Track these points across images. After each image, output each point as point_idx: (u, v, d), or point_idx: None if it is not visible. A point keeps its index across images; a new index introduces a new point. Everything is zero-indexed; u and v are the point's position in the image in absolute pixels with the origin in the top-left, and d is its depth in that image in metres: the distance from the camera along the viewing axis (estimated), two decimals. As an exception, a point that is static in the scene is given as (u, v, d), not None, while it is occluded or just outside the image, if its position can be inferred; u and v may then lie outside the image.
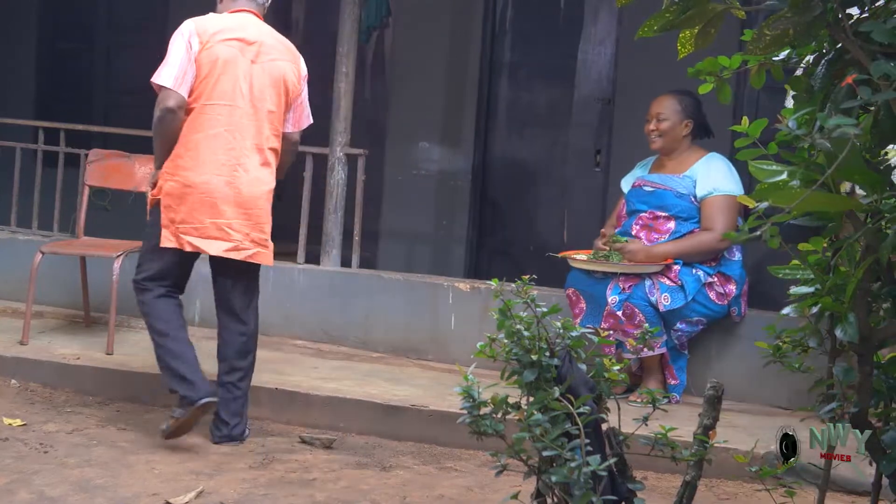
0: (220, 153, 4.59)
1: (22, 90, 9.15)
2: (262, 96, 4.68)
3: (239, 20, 4.77)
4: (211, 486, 4.11)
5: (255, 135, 4.67)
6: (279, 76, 4.73)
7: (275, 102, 4.72)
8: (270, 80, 4.70)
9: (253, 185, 4.67)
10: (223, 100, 4.60)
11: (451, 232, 8.27)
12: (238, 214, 4.63)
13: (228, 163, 4.60)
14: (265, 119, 4.69)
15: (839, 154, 2.09)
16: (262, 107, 4.67)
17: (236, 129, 4.62)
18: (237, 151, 4.62)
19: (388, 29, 8.41)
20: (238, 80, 4.62)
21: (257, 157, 4.68)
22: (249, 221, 4.66)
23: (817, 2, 2.23)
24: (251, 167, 4.66)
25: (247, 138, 4.65)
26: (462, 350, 5.65)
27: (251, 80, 4.66)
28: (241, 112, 4.63)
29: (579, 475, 2.64)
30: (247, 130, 4.64)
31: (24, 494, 3.93)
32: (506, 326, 2.91)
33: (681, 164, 5.50)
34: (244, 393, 4.78)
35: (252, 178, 4.66)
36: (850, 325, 2.48)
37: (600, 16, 7.91)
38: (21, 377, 5.48)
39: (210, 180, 4.57)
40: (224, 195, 4.60)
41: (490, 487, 4.24)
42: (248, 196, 4.65)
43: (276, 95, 4.73)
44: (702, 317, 5.36)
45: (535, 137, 8.13)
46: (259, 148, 4.69)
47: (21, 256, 6.69)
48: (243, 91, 4.63)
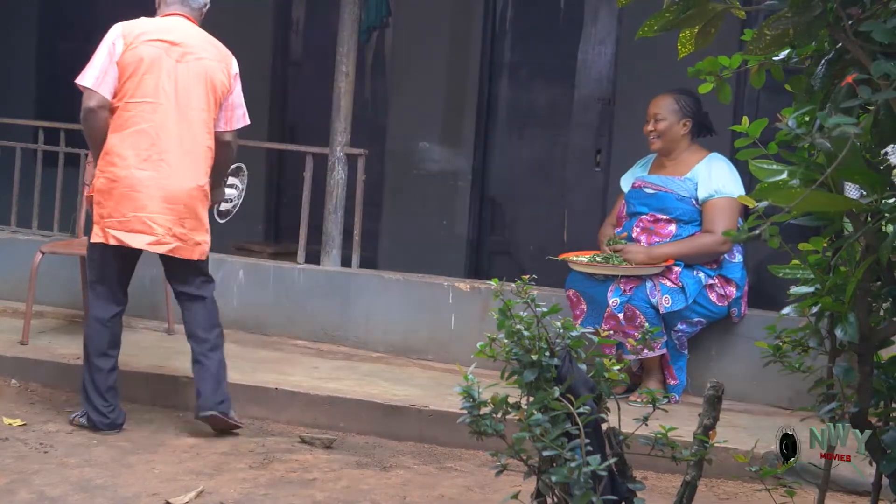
0: (143, 149, 4.69)
1: (22, 90, 9.14)
2: (188, 95, 4.77)
3: (168, 23, 4.91)
4: (211, 485, 4.11)
5: (181, 132, 4.75)
6: (205, 75, 4.81)
7: (203, 101, 4.81)
8: (196, 79, 4.79)
9: (178, 180, 4.73)
10: (147, 97, 4.72)
11: (451, 232, 8.27)
12: (162, 209, 4.70)
13: (151, 158, 4.69)
14: (195, 118, 4.79)
15: (839, 153, 2.09)
16: (188, 105, 4.77)
17: (160, 126, 4.72)
18: (159, 147, 4.71)
19: (388, 29, 8.41)
20: (161, 79, 4.73)
21: (184, 154, 4.75)
22: (172, 216, 4.72)
23: (817, 2, 2.23)
24: (175, 163, 4.72)
25: (172, 135, 4.73)
26: (462, 350, 5.65)
27: (176, 79, 4.76)
28: (165, 109, 4.73)
29: (579, 475, 2.64)
30: (171, 127, 4.74)
31: (25, 494, 3.94)
32: (506, 326, 2.91)
33: (681, 165, 5.49)
34: (217, 365, 4.84)
35: (177, 173, 4.73)
36: (850, 324, 2.48)
37: (600, 16, 7.90)
38: (21, 377, 5.48)
39: (133, 174, 4.66)
40: (147, 189, 4.67)
41: (490, 487, 4.24)
42: (173, 191, 4.72)
43: (204, 94, 4.81)
44: (702, 318, 5.36)
45: (535, 137, 8.12)
46: (186, 145, 4.76)
47: (21, 256, 6.69)
48: (167, 89, 4.73)
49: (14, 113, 7.71)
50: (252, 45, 8.66)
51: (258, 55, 8.71)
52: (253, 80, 8.51)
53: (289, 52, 8.93)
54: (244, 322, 6.40)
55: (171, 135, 4.73)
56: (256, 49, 8.70)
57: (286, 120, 8.79)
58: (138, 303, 6.49)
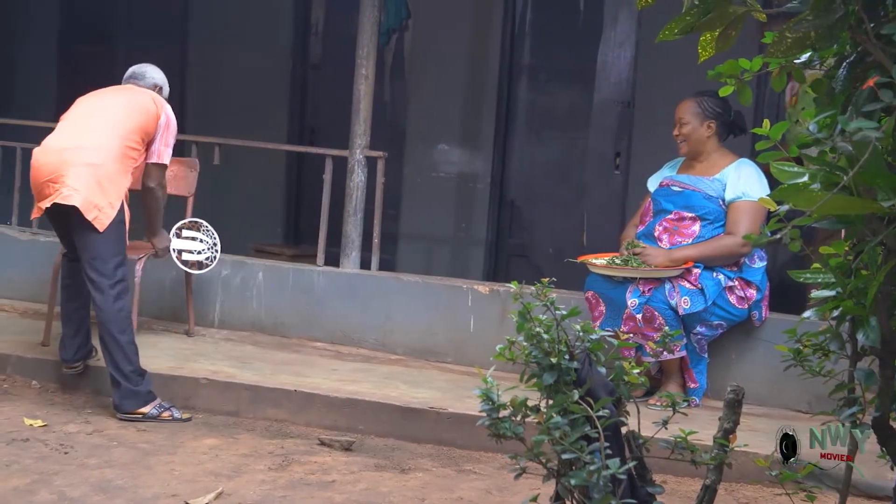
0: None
1: (43, 92, 9.19)
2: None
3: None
4: (230, 487, 4.12)
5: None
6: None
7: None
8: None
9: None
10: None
11: (470, 234, 8.28)
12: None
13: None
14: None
15: (861, 157, 2.08)
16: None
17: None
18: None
19: (408, 31, 8.42)
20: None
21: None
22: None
23: (839, 4, 2.22)
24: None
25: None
26: (481, 352, 5.65)
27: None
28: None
29: (598, 478, 2.64)
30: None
31: (45, 495, 3.96)
32: (525, 329, 2.90)
33: (710, 167, 5.48)
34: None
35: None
36: (871, 328, 2.47)
37: (620, 18, 7.89)
38: (42, 378, 5.50)
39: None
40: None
41: (509, 490, 4.24)
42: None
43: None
44: (722, 321, 5.35)
45: (554, 140, 8.12)
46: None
47: (42, 258, 6.72)
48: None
49: (35, 116, 7.74)
50: (272, 49, 8.71)
51: (278, 58, 8.75)
52: (273, 84, 8.56)
53: (308, 54, 8.95)
54: (263, 324, 6.42)
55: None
56: (276, 52, 8.74)
57: (306, 123, 8.82)
58: (159, 305, 6.53)
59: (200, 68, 9.00)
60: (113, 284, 5.06)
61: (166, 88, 5.71)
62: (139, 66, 5.73)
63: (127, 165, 5.21)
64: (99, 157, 5.10)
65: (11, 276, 6.86)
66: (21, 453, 4.42)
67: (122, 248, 5.15)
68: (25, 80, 9.35)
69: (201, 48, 8.99)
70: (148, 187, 5.40)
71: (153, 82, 5.63)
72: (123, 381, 5.01)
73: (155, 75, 5.68)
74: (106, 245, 5.07)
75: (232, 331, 6.40)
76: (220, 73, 8.81)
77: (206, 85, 8.92)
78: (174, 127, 5.43)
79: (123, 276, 5.12)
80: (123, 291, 5.11)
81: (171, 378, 5.36)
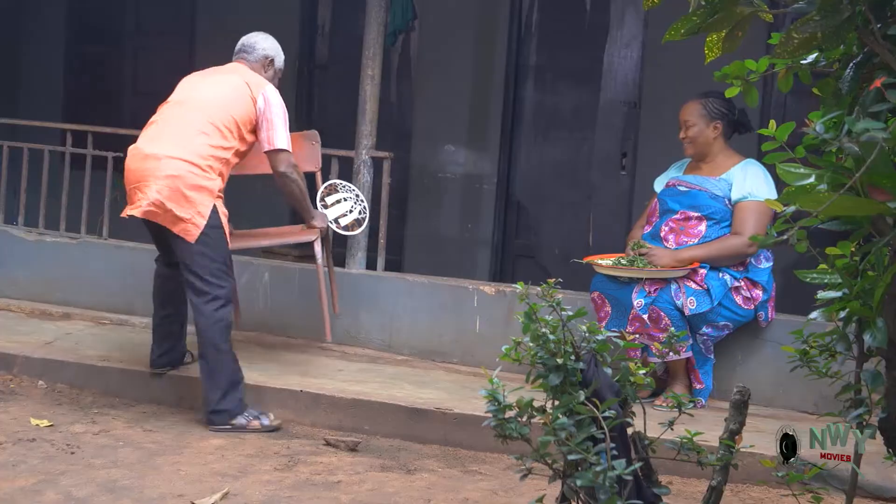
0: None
1: (50, 93, 9.21)
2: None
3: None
4: (236, 487, 4.13)
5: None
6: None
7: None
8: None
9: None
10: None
11: (476, 235, 8.27)
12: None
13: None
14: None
15: (867, 158, 2.07)
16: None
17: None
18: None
19: (414, 32, 8.42)
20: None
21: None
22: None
23: (846, 5, 2.22)
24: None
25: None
26: (487, 353, 5.65)
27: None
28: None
29: (604, 479, 2.64)
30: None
31: (52, 495, 3.96)
32: (531, 330, 2.91)
33: (717, 167, 5.47)
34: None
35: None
36: (878, 330, 2.46)
37: (626, 19, 7.89)
38: (48, 378, 5.51)
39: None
40: None
41: (515, 491, 4.24)
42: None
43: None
44: (728, 321, 5.34)
45: (560, 141, 8.12)
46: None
47: (49, 258, 6.74)
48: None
49: (42, 115, 7.76)
50: (278, 49, 8.69)
51: (285, 59, 8.73)
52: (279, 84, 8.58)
53: (315, 55, 8.95)
54: (269, 324, 6.42)
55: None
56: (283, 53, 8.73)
57: (312, 123, 8.81)
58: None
59: (207, 67, 8.99)
60: (210, 293, 4.92)
61: (280, 58, 5.49)
62: (250, 36, 5.50)
63: (217, 166, 5.00)
64: (181, 167, 4.89)
65: (18, 277, 6.86)
66: (27, 453, 4.42)
67: (220, 256, 4.96)
68: (33, 81, 9.35)
69: (208, 48, 8.99)
70: (278, 173, 5.16)
71: (263, 54, 5.40)
72: (215, 393, 4.91)
73: (266, 45, 5.43)
74: (201, 254, 4.91)
75: (238, 331, 6.39)
76: (226, 73, 8.80)
77: (213, 85, 8.91)
78: (277, 106, 5.17)
79: (223, 284, 4.96)
80: (223, 300, 4.95)
81: (177, 378, 5.37)
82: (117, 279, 6.65)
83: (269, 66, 5.44)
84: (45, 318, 6.41)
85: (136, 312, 6.48)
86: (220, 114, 5.06)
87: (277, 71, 5.49)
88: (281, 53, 5.52)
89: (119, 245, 6.75)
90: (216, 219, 4.94)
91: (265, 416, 4.99)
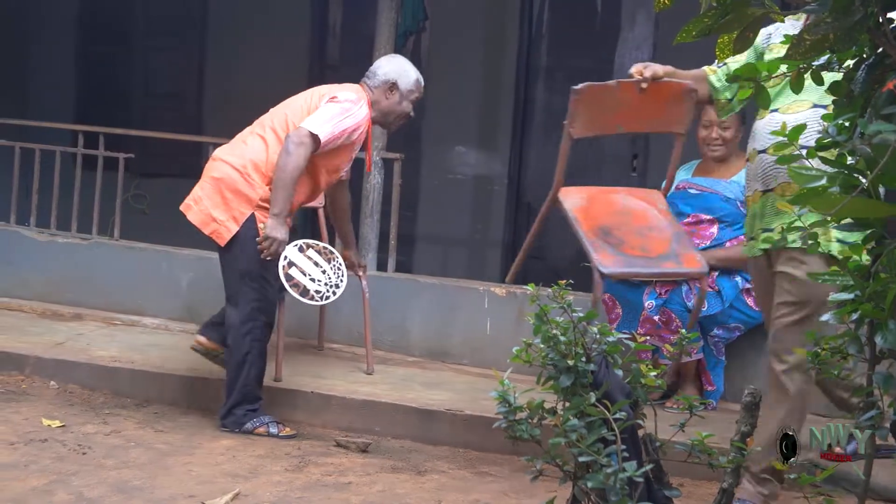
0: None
1: (61, 94, 9.23)
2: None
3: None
4: (247, 488, 4.13)
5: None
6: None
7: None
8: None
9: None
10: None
11: (486, 236, 8.27)
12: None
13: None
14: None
15: (879, 160, 2.07)
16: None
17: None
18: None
19: (425, 33, 8.42)
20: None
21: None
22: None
23: (858, 6, 2.21)
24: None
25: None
26: (498, 355, 5.64)
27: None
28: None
29: (615, 481, 2.64)
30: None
31: (63, 495, 3.97)
32: (542, 331, 2.91)
33: (728, 169, 5.46)
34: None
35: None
36: (890, 332, 2.45)
37: (637, 20, 7.88)
38: (60, 379, 5.52)
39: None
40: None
41: (525, 493, 4.24)
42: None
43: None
44: (739, 323, 5.33)
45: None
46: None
47: (60, 259, 6.76)
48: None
49: (54, 116, 7.78)
50: (289, 49, 8.72)
51: (295, 59, 8.76)
52: (290, 84, 8.56)
53: (326, 56, 8.96)
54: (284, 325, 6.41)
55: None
56: (294, 53, 8.75)
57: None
58: (174, 305, 6.55)
59: (218, 68, 9.02)
60: (238, 301, 4.88)
61: (405, 80, 5.17)
62: (380, 60, 5.34)
63: (270, 173, 4.84)
64: (227, 171, 4.88)
65: (29, 277, 6.87)
66: (39, 454, 4.43)
67: (250, 267, 4.83)
68: (43, 82, 9.38)
69: (219, 48, 9.02)
70: (287, 141, 4.82)
71: (384, 79, 5.15)
72: (230, 397, 4.91)
73: (388, 68, 5.19)
74: (230, 261, 4.90)
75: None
76: (237, 72, 8.82)
77: (224, 85, 8.93)
78: (339, 110, 4.90)
79: (252, 296, 4.85)
80: (250, 310, 4.86)
81: (188, 379, 5.38)
82: (128, 280, 6.66)
83: (391, 92, 5.18)
84: (57, 318, 6.43)
85: (147, 313, 6.49)
86: (279, 117, 5.02)
87: (406, 93, 5.21)
88: (409, 74, 5.21)
89: (130, 246, 6.77)
90: (253, 230, 4.84)
91: (274, 424, 4.92)
